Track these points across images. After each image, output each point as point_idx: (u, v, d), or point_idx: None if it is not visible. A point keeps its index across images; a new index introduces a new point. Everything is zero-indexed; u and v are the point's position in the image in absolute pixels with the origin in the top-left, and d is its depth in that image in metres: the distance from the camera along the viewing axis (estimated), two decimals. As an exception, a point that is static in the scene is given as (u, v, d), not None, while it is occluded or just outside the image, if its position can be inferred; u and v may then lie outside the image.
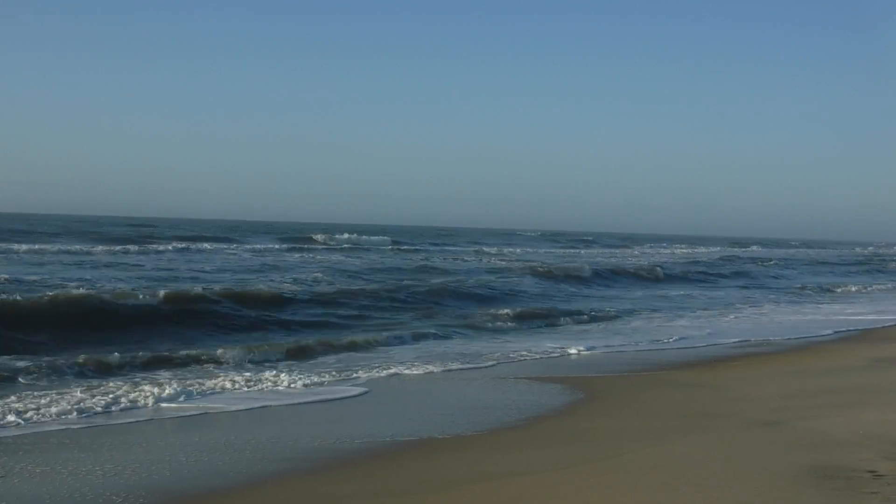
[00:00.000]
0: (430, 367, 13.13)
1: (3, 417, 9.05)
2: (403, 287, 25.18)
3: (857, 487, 6.48)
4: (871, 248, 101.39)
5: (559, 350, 15.27)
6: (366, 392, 11.18)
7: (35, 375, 11.59)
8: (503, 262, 40.64)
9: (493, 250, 56.39)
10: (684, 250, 72.39)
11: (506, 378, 12.48)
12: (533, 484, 6.83)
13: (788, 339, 17.43)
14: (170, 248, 42.81)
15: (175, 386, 10.88)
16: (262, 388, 11.31)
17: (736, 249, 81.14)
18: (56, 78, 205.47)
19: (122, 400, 10.11)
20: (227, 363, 13.34)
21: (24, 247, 37.72)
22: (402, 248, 56.47)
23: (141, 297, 18.62)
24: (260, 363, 13.49)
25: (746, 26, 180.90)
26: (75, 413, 9.42)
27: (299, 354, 14.39)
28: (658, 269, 38.65)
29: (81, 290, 19.12)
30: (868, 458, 7.27)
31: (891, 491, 6.34)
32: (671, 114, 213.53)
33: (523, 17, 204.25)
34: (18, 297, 17.09)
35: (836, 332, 18.70)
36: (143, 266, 30.22)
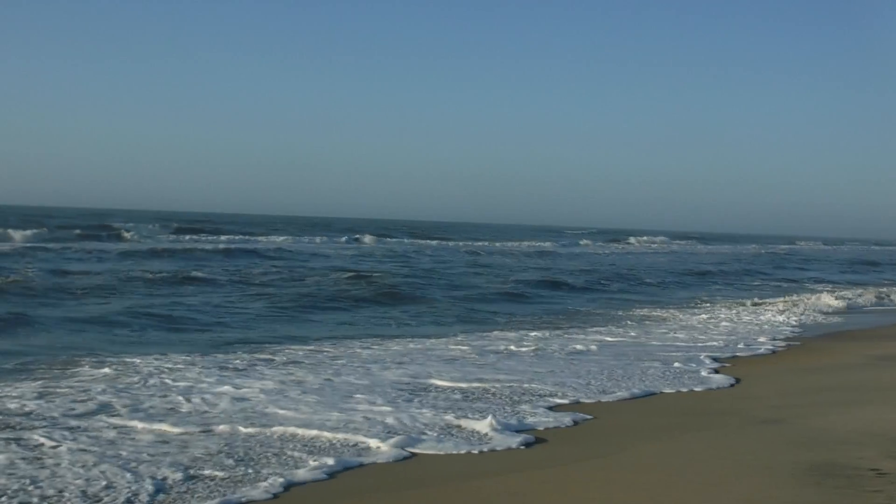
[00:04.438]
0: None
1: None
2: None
3: (859, 486, 6.39)
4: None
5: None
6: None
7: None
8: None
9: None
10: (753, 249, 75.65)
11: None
12: (531, 481, 6.74)
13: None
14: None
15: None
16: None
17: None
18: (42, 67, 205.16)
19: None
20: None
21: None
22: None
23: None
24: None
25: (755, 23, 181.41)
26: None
27: None
28: None
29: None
30: (870, 457, 7.18)
31: (894, 489, 6.25)
32: (668, 112, 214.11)
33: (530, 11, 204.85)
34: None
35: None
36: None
